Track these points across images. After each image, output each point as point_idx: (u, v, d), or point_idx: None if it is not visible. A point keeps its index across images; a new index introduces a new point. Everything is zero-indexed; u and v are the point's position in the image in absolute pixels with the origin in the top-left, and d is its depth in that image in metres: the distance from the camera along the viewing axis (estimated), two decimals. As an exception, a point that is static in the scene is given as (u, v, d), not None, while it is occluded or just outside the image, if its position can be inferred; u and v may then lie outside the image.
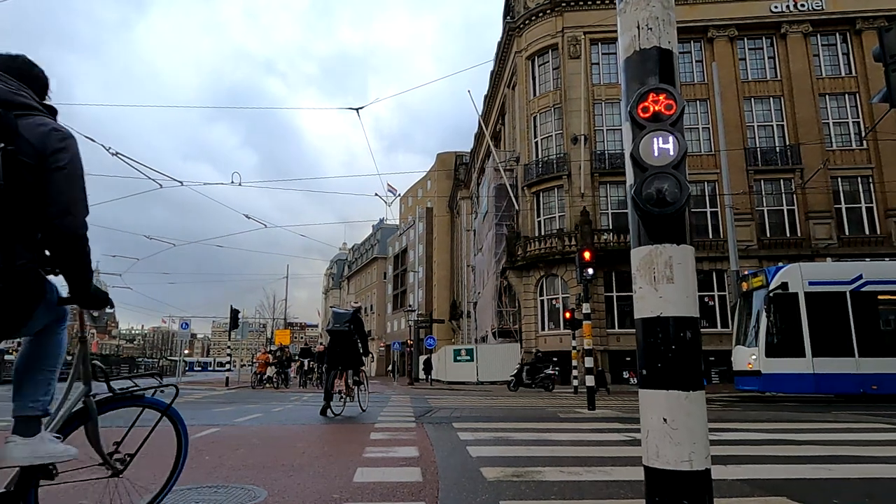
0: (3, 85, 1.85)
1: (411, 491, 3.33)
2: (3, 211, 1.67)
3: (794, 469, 4.13)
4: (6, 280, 1.71)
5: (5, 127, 1.72)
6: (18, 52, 2.03)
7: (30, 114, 1.84)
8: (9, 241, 1.71)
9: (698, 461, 1.67)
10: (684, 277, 1.80)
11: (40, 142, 1.80)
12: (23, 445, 1.88)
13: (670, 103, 1.82)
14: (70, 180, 1.84)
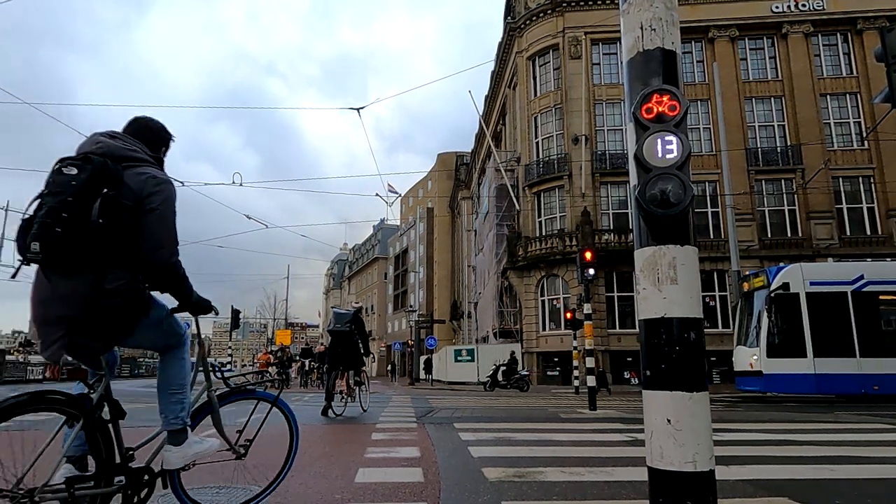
0: (116, 142, 2.30)
1: (413, 491, 3.33)
2: (99, 242, 2.07)
3: (796, 469, 4.13)
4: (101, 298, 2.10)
5: (113, 176, 2.15)
6: (141, 115, 2.54)
7: (136, 165, 2.27)
8: (104, 266, 2.11)
9: (702, 462, 1.67)
10: (688, 278, 1.80)
11: (139, 187, 2.21)
12: (176, 452, 2.38)
13: (674, 104, 1.82)
14: (161, 220, 2.24)
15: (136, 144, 2.35)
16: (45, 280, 2.12)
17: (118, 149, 2.26)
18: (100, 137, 2.29)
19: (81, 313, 2.09)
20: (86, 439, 2.19)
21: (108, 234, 2.08)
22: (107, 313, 2.13)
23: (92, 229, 2.05)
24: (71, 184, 2.06)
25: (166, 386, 2.44)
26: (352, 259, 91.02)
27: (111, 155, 2.21)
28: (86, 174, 2.09)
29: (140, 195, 2.19)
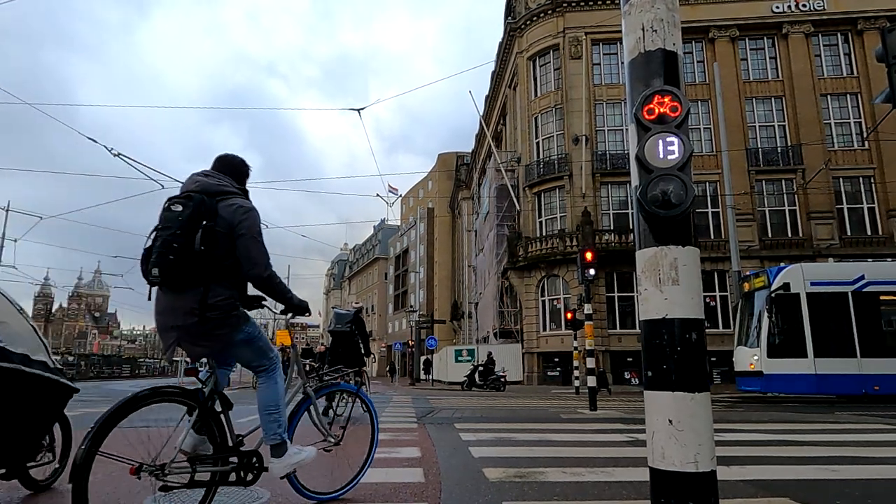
0: (210, 180, 2.74)
1: (413, 492, 3.34)
2: (202, 265, 2.52)
3: (797, 470, 4.13)
4: (206, 311, 2.53)
5: (210, 209, 2.59)
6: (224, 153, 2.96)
7: (227, 197, 2.70)
8: (207, 284, 2.55)
9: (704, 462, 1.67)
10: (690, 279, 1.80)
11: (230, 217, 2.64)
12: (278, 463, 2.78)
13: (675, 105, 1.82)
14: (251, 242, 2.67)
15: (225, 179, 2.80)
16: (162, 297, 2.60)
17: (212, 185, 2.72)
18: (197, 177, 2.77)
19: (188, 323, 2.54)
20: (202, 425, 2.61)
21: (209, 258, 2.53)
22: (208, 323, 2.56)
23: (196, 255, 2.50)
24: (178, 219, 2.53)
25: (263, 407, 2.82)
26: (352, 259, 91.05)
27: (207, 191, 2.66)
28: (188, 210, 2.54)
29: (232, 223, 2.63)
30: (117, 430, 2.30)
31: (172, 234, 2.50)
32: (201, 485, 2.54)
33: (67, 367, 31.37)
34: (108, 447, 2.26)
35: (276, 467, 2.77)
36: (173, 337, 2.61)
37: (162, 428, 2.54)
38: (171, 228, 2.51)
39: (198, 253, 2.50)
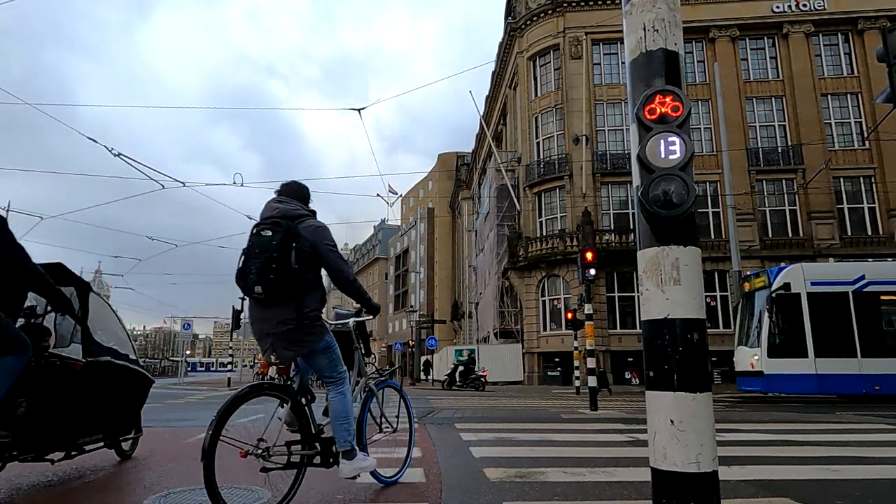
0: (285, 205, 3.13)
1: (414, 492, 3.34)
2: (297, 281, 2.91)
3: (798, 470, 4.13)
4: (301, 320, 2.94)
5: (294, 232, 2.96)
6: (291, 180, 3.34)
7: (303, 219, 3.10)
8: (300, 297, 2.96)
9: (706, 463, 1.67)
10: (691, 279, 1.80)
11: (311, 235, 3.03)
12: (347, 465, 3.10)
13: (677, 105, 1.82)
14: (330, 252, 3.09)
15: (296, 203, 3.20)
16: (259, 309, 3.01)
17: (289, 210, 3.10)
18: (274, 205, 3.15)
19: (284, 330, 2.95)
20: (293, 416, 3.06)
21: (301, 274, 2.93)
22: (301, 330, 2.97)
23: (292, 273, 2.89)
24: (272, 243, 2.90)
25: (335, 417, 3.16)
26: (352, 259, 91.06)
27: (287, 216, 3.05)
28: (279, 235, 2.91)
29: (313, 241, 3.03)
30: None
31: (270, 256, 2.89)
32: (294, 466, 2.95)
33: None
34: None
35: (345, 469, 3.09)
36: (269, 342, 3.00)
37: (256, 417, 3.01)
38: (268, 251, 2.90)
39: (293, 271, 2.90)
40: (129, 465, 4.26)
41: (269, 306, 2.96)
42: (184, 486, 3.40)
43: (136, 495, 3.18)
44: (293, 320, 2.95)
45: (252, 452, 2.78)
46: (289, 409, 3.06)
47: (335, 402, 3.19)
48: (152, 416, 8.12)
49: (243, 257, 2.98)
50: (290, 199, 3.21)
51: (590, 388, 10.26)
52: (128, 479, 3.72)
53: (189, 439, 5.67)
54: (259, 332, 3.07)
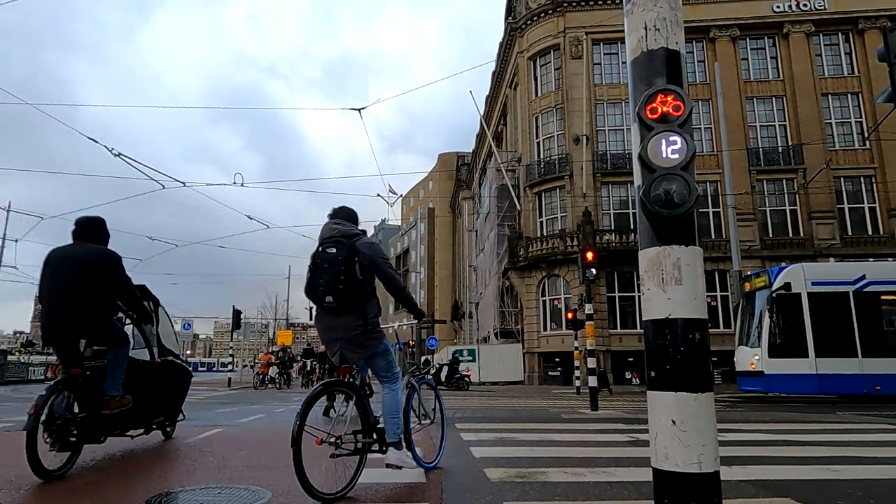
0: (342, 226, 3.58)
1: (415, 492, 3.33)
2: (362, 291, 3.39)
3: (799, 470, 4.12)
4: (366, 326, 3.41)
5: (355, 249, 3.42)
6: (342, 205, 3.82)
7: (358, 237, 3.54)
8: (363, 305, 3.41)
9: (707, 463, 1.66)
10: (693, 279, 1.80)
11: (367, 250, 3.49)
12: (394, 454, 3.49)
13: (678, 104, 1.81)
14: (384, 265, 3.58)
15: (349, 224, 3.66)
16: (329, 317, 3.45)
17: (346, 231, 3.56)
18: (333, 226, 3.61)
19: (352, 335, 3.41)
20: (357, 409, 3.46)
21: (364, 284, 3.40)
22: (366, 334, 3.43)
23: (358, 283, 3.36)
24: (338, 259, 3.36)
25: (387, 412, 3.55)
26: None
27: (346, 235, 3.51)
28: (344, 252, 3.37)
29: (369, 256, 3.48)
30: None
31: (337, 269, 3.34)
32: (358, 452, 3.37)
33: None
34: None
35: (391, 456, 3.49)
36: (338, 346, 3.46)
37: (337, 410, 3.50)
38: (335, 266, 3.35)
39: (359, 281, 3.37)
40: (130, 464, 4.26)
41: (339, 314, 3.40)
42: (184, 486, 3.39)
43: (136, 495, 3.18)
44: (360, 326, 3.40)
45: (326, 440, 3.17)
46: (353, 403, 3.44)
47: (388, 399, 3.58)
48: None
49: (310, 273, 3.44)
50: (344, 221, 3.68)
51: (590, 388, 10.26)
52: (128, 479, 3.71)
53: (189, 439, 5.67)
54: (328, 338, 3.51)
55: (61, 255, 4.18)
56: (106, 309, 4.23)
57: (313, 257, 3.47)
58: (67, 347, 4.05)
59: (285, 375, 22.79)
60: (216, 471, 3.95)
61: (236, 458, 4.54)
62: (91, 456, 4.51)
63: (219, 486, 3.42)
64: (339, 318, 3.40)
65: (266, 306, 58.44)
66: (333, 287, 3.32)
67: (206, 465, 4.23)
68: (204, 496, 3.15)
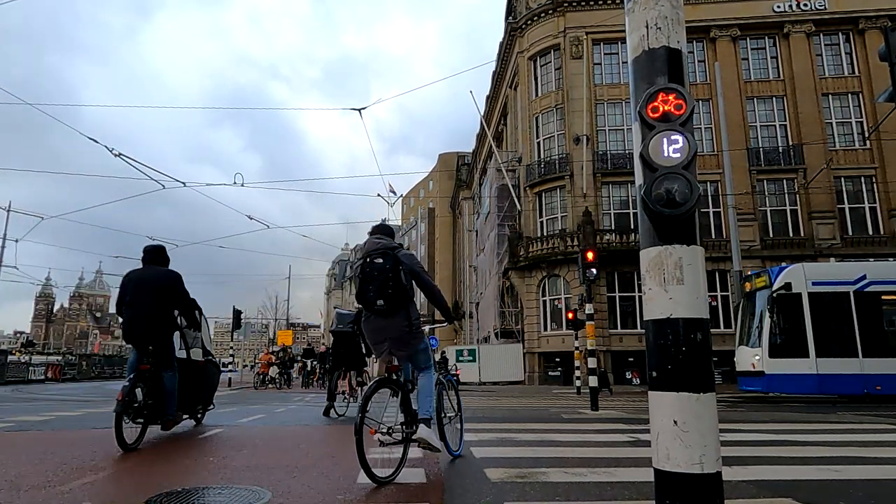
0: (384, 240, 4.01)
1: (415, 492, 3.32)
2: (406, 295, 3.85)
3: (800, 470, 4.12)
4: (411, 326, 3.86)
5: (398, 259, 3.88)
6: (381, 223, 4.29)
7: (398, 249, 3.98)
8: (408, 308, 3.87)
9: (709, 464, 1.66)
10: (694, 278, 1.79)
11: (407, 260, 3.94)
12: (425, 430, 3.76)
13: (680, 103, 1.80)
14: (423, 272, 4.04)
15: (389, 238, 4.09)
16: (378, 319, 3.89)
17: (388, 244, 3.99)
18: (376, 240, 4.03)
19: (399, 335, 3.87)
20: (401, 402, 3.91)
21: (408, 290, 3.87)
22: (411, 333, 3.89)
23: (403, 289, 3.83)
24: (385, 267, 3.83)
25: (422, 391, 3.96)
26: (353, 259, 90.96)
27: (388, 248, 3.95)
28: (390, 262, 3.85)
29: (409, 265, 3.92)
30: None
31: (386, 276, 3.80)
32: (402, 442, 3.77)
33: (69, 367, 31.42)
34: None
35: (422, 431, 3.76)
36: (386, 346, 3.93)
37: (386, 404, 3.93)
38: (384, 273, 3.82)
39: (404, 287, 3.84)
40: (130, 464, 4.25)
41: (387, 317, 3.85)
42: (184, 486, 3.39)
43: (136, 495, 3.17)
44: (406, 326, 3.86)
45: (379, 430, 3.58)
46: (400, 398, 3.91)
47: (424, 381, 4.02)
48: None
49: (360, 281, 3.92)
50: (385, 236, 4.12)
51: (590, 388, 10.25)
52: (128, 479, 3.71)
53: (189, 439, 5.67)
54: (377, 339, 3.96)
55: (137, 277, 5.53)
56: (170, 320, 5.54)
57: (361, 267, 3.93)
58: (141, 347, 5.32)
59: (285, 376, 22.78)
60: (216, 471, 3.94)
61: (236, 458, 4.53)
62: (91, 455, 4.50)
63: (219, 486, 3.41)
64: (388, 319, 3.86)
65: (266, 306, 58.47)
66: (383, 292, 3.79)
67: (206, 465, 4.22)
68: (204, 496, 3.15)
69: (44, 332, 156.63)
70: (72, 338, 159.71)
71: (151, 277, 5.53)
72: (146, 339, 5.33)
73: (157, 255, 5.75)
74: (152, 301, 5.40)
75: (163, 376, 5.37)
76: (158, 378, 5.32)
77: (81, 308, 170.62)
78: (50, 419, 7.74)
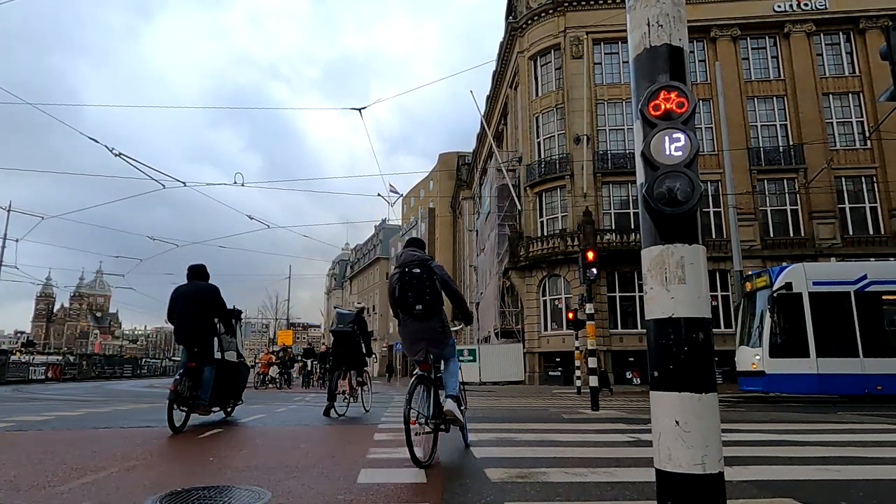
0: (418, 253, 4.66)
1: (416, 492, 3.32)
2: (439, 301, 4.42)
3: (801, 470, 4.10)
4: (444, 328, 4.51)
5: (431, 269, 4.48)
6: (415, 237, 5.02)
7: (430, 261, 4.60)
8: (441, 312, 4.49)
9: (711, 464, 1.65)
10: (696, 278, 1.77)
11: (439, 271, 4.54)
12: (452, 404, 4.34)
13: (682, 101, 1.79)
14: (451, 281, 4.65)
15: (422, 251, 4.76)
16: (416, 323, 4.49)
17: (423, 256, 4.66)
18: (411, 253, 4.66)
19: (434, 336, 4.50)
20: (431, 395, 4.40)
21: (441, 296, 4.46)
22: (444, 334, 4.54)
23: (438, 294, 4.45)
24: (423, 276, 4.44)
25: (449, 375, 4.58)
26: (353, 259, 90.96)
27: (423, 259, 4.60)
28: (426, 273, 4.46)
29: (440, 275, 4.53)
30: None
31: (423, 285, 4.41)
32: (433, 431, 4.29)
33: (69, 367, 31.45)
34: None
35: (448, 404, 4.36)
36: (423, 346, 4.51)
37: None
38: (421, 282, 4.42)
39: (438, 293, 4.45)
40: (130, 464, 4.25)
41: (424, 320, 4.46)
42: (184, 486, 3.38)
43: (136, 495, 3.17)
44: (440, 328, 4.50)
45: (418, 420, 4.14)
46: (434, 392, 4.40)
47: (451, 366, 4.65)
48: (152, 416, 8.10)
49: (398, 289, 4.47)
50: (418, 249, 4.78)
51: (591, 388, 10.24)
52: (128, 479, 3.70)
53: (189, 439, 5.66)
54: (415, 339, 4.54)
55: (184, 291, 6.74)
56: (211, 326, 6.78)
57: (400, 277, 4.49)
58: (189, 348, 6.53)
59: (286, 375, 22.78)
60: (216, 471, 3.93)
61: (236, 458, 4.52)
62: (91, 455, 4.50)
63: (219, 486, 3.40)
64: (424, 323, 4.46)
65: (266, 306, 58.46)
66: (421, 298, 4.39)
67: (206, 465, 4.21)
68: (204, 496, 3.14)
69: (44, 331, 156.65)
70: (72, 338, 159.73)
71: (195, 291, 6.73)
72: (193, 342, 6.53)
73: (199, 272, 6.98)
74: (196, 310, 6.60)
75: (203, 370, 6.52)
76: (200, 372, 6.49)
77: (82, 308, 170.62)
78: (50, 419, 7.73)
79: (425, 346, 4.45)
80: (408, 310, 4.41)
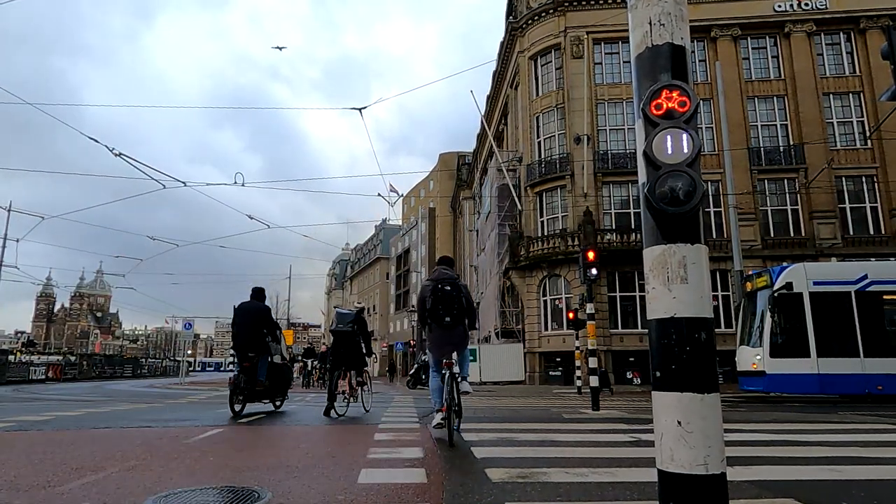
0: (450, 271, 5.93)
1: (416, 492, 3.31)
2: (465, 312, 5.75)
3: (801, 470, 4.10)
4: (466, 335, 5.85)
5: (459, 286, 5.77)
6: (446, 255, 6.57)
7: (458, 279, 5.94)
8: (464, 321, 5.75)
9: (714, 465, 1.64)
10: (698, 278, 1.77)
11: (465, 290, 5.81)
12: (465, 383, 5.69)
13: (684, 100, 1.79)
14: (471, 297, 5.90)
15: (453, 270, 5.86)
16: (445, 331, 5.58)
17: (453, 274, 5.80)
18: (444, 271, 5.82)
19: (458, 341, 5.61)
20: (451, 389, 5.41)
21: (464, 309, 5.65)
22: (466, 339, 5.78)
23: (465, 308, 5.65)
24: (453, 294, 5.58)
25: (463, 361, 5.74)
26: (354, 259, 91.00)
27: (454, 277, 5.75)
28: (457, 290, 5.63)
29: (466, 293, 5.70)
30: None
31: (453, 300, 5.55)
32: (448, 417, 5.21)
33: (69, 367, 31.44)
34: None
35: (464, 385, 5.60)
36: (449, 349, 5.54)
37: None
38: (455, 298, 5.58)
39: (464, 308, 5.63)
40: (130, 464, 4.24)
41: (451, 329, 5.56)
42: (184, 487, 3.38)
43: (136, 495, 3.16)
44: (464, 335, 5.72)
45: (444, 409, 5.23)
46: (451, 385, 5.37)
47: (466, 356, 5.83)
48: (152, 416, 8.09)
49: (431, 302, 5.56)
50: (449, 267, 5.88)
51: (591, 388, 10.23)
52: (128, 479, 3.70)
53: (189, 439, 5.65)
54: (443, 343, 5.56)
55: (244, 308, 8.53)
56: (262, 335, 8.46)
57: (433, 291, 5.59)
58: (243, 352, 8.26)
59: (286, 375, 22.71)
60: (216, 471, 3.93)
61: (236, 458, 4.52)
62: (91, 455, 4.49)
63: (219, 486, 3.40)
64: (451, 331, 5.56)
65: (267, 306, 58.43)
66: (450, 311, 5.53)
67: (207, 465, 4.21)
68: (204, 496, 3.14)
69: (44, 331, 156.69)
70: (72, 338, 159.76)
71: (251, 309, 8.56)
72: (247, 348, 8.29)
73: (258, 294, 8.83)
74: (251, 324, 8.38)
75: (257, 363, 8.27)
76: (255, 368, 8.21)
77: (82, 308, 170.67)
78: (50, 419, 7.73)
79: (451, 350, 5.50)
80: (438, 320, 5.49)
